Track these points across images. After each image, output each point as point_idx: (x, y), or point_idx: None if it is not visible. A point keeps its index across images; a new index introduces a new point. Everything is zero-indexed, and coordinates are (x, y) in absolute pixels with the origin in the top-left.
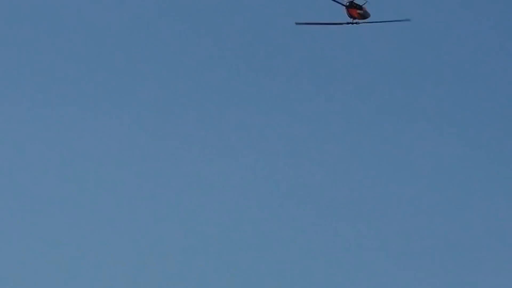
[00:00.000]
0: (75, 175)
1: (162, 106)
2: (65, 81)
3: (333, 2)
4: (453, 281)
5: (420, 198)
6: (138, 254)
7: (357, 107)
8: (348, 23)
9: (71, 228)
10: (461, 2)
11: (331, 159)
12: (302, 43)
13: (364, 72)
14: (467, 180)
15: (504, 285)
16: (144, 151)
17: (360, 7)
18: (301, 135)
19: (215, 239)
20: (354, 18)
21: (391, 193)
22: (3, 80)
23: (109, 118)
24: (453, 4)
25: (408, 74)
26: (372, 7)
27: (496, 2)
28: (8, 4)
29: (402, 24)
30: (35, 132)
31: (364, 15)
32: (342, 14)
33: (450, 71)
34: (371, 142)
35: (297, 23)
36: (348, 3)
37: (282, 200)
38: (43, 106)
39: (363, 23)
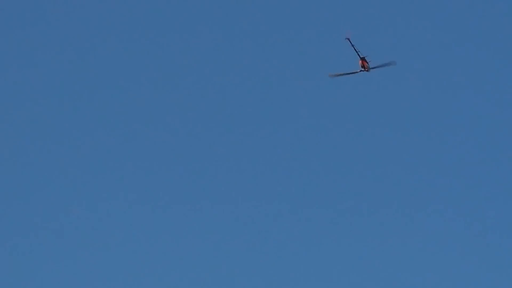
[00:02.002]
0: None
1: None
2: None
3: (355, 52)
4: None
5: None
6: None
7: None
8: (360, 71)
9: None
10: None
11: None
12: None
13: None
14: None
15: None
16: None
17: (367, 62)
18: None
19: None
20: (364, 68)
21: None
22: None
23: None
24: None
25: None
26: None
27: None
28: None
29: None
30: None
31: (368, 69)
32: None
33: None
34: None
35: (330, 75)
36: (362, 57)
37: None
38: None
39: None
